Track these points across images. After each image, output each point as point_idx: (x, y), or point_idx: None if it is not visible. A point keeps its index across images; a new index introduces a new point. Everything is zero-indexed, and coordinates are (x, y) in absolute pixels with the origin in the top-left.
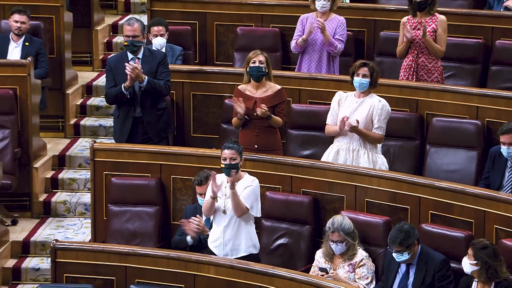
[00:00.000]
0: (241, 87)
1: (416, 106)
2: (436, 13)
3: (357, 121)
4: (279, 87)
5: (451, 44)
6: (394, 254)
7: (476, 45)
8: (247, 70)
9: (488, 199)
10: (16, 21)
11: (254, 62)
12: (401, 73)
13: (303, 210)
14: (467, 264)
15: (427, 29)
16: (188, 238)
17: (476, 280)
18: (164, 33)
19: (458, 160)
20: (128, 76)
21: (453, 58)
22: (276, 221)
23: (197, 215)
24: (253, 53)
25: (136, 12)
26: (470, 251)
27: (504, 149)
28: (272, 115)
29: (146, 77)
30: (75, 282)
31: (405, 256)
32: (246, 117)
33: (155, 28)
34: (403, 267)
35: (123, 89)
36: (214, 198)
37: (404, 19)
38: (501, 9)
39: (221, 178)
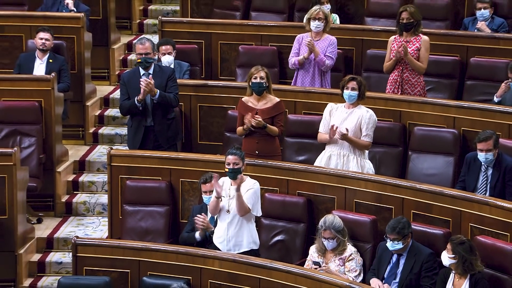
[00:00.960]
0: (245, 99)
1: (399, 117)
2: (420, 34)
3: (347, 130)
4: (278, 99)
5: (431, 61)
6: (389, 243)
7: (453, 62)
8: (250, 84)
9: (464, 200)
10: (41, 38)
11: (256, 78)
12: (388, 86)
13: (298, 210)
14: (446, 258)
15: (412, 48)
16: (197, 234)
17: (453, 272)
18: (172, 51)
19: (437, 165)
20: (142, 90)
21: (432, 74)
22: (274, 219)
23: (202, 213)
24: (255, 69)
25: (149, 32)
26: (449, 246)
27: (481, 156)
28: (268, 125)
29: (158, 91)
30: (94, 274)
31: (399, 245)
32: (252, 128)
33: (163, 47)
34: (394, 258)
35: (136, 102)
36: (218, 198)
37: (391, 38)
38: (475, 30)
39: (223, 179)
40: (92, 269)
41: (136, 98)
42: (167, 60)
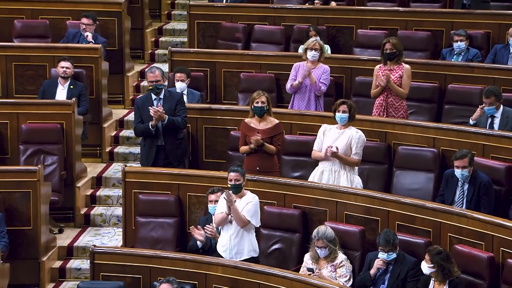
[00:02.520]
0: (247, 120)
1: (385, 137)
2: (403, 63)
3: (337, 148)
4: (277, 121)
5: (413, 87)
6: (384, 255)
7: (432, 88)
8: (252, 107)
9: (443, 212)
10: (62, 67)
11: (257, 102)
12: (374, 110)
13: (294, 221)
14: (426, 267)
15: (395, 75)
16: (198, 242)
17: (433, 279)
18: (185, 79)
19: (418, 181)
20: (154, 118)
21: (414, 99)
22: (272, 230)
23: (211, 224)
24: (257, 94)
25: (159, 61)
26: (427, 257)
27: (458, 172)
28: (265, 144)
29: (167, 116)
30: (109, 279)
31: (394, 255)
32: (256, 148)
33: (178, 74)
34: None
35: (150, 127)
36: (229, 214)
37: (377, 67)
38: (452, 59)
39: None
40: (107, 274)
41: (150, 124)
42: (179, 86)
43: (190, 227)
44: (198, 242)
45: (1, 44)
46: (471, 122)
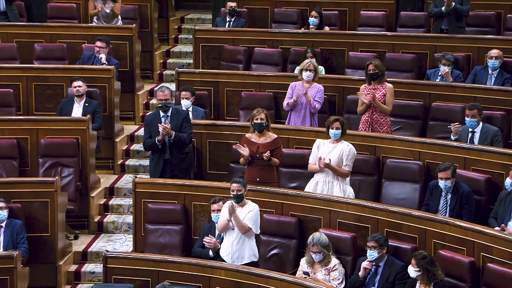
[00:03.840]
0: (248, 135)
1: (374, 151)
2: (385, 82)
3: (330, 160)
4: (276, 136)
5: (399, 105)
6: (368, 252)
7: (417, 106)
8: (252, 124)
9: (428, 220)
10: (75, 86)
11: (257, 119)
12: (360, 126)
13: (291, 228)
14: (412, 271)
15: (379, 94)
16: (210, 252)
17: (419, 282)
18: (190, 97)
19: (405, 191)
20: (160, 133)
21: (401, 115)
22: (271, 236)
23: (210, 235)
24: (257, 111)
25: (167, 81)
26: (413, 261)
27: (441, 183)
28: (272, 158)
29: (174, 132)
30: (121, 282)
31: (375, 255)
32: (250, 158)
33: (183, 92)
34: (373, 268)
35: (156, 141)
36: (230, 220)
37: (362, 87)
38: (437, 79)
39: (228, 203)
40: (119, 277)
41: (156, 138)
42: (185, 104)
43: (203, 240)
44: (210, 252)
45: (23, 66)
46: (452, 138)
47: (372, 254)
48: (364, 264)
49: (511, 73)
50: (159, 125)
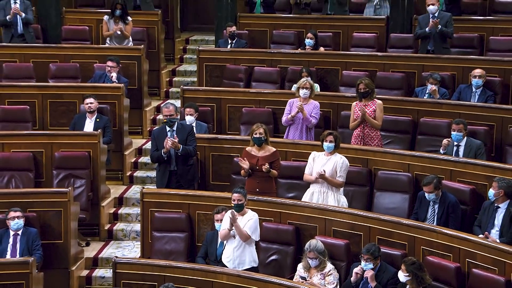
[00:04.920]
0: (248, 148)
1: (366, 163)
2: (375, 99)
3: (324, 171)
4: (274, 149)
5: (389, 120)
6: (362, 263)
7: (407, 121)
8: (252, 138)
9: (417, 228)
10: (87, 103)
11: (256, 134)
12: (352, 140)
13: (288, 235)
14: (402, 276)
15: (370, 110)
16: (162, 152)
17: (409, 286)
18: (193, 113)
19: (395, 201)
20: (166, 146)
21: (391, 130)
22: (270, 243)
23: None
24: (256, 126)
25: (173, 98)
26: (403, 267)
27: (426, 195)
28: (271, 170)
29: (181, 146)
30: (129, 286)
31: (370, 266)
32: (250, 170)
33: (187, 109)
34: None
35: (162, 154)
36: (231, 229)
37: (354, 103)
38: (424, 96)
39: (228, 213)
40: (128, 282)
41: (162, 151)
42: (189, 119)
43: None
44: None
45: (39, 84)
46: (441, 151)
47: (367, 265)
48: (356, 269)
49: (493, 91)
50: (168, 138)
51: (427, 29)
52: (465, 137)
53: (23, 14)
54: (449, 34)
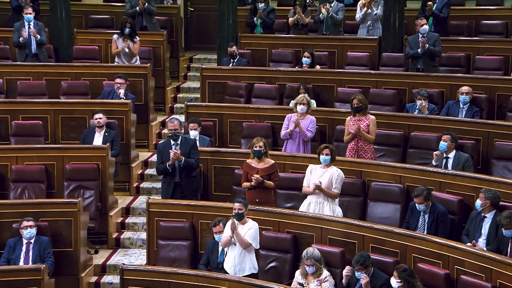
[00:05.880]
0: (248, 161)
1: (360, 175)
2: (368, 114)
3: (320, 182)
4: (273, 162)
5: (382, 134)
6: (356, 273)
7: (398, 135)
8: (252, 151)
9: (408, 237)
10: (96, 118)
11: (256, 147)
12: (347, 153)
13: (286, 243)
14: (394, 282)
15: (363, 125)
16: (167, 165)
17: None
18: (197, 127)
19: (388, 211)
20: (171, 158)
21: (383, 144)
22: (269, 251)
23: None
24: (256, 140)
25: (177, 113)
26: (395, 273)
27: (417, 206)
28: (265, 181)
29: (184, 158)
30: None
31: (361, 275)
32: (256, 185)
33: (191, 124)
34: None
35: (167, 166)
36: (232, 237)
37: (348, 118)
38: (415, 112)
39: (229, 222)
40: None
41: (167, 163)
42: (193, 134)
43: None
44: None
45: (51, 100)
46: (434, 163)
47: (360, 275)
48: (344, 271)
49: (480, 107)
50: (170, 151)
51: (419, 50)
52: (454, 150)
53: (39, 36)
54: (437, 52)
